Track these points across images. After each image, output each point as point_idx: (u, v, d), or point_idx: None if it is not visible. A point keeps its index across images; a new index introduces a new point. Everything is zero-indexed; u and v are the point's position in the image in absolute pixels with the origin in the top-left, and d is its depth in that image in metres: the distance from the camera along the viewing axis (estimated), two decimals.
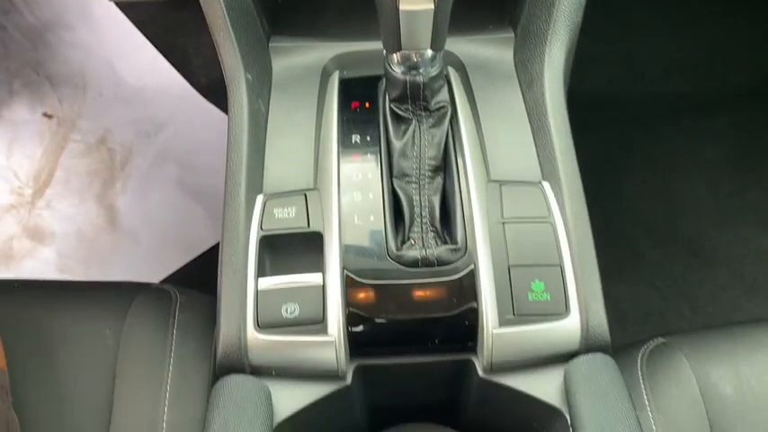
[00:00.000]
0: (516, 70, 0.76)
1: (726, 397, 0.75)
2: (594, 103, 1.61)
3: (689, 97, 1.65)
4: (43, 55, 1.67)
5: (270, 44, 0.79)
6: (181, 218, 1.50)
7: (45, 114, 1.65)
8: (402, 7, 0.56)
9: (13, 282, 0.90)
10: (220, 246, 0.66)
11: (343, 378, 0.63)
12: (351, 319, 0.62)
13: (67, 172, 1.57)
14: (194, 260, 1.45)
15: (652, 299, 1.38)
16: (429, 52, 0.63)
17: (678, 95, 1.66)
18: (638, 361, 0.77)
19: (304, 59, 0.78)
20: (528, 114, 0.73)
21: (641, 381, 0.74)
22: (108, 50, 1.69)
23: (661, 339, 0.81)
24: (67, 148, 1.60)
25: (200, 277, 0.88)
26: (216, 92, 1.68)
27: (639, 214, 1.50)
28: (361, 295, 0.63)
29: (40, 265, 1.43)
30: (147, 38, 1.69)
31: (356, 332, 0.63)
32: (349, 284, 0.63)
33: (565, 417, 0.60)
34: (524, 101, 0.74)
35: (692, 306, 1.37)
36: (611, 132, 1.60)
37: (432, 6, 0.56)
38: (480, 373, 0.63)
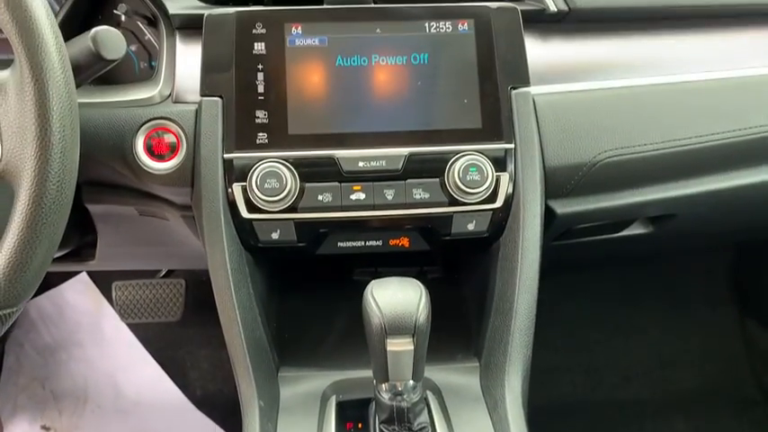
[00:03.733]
0: (483, 394, 0.92)
1: None
2: (562, 410, 1.75)
3: (647, 402, 1.80)
4: (51, 371, 1.81)
5: (279, 374, 0.95)
6: None
7: (43, 427, 1.73)
8: (389, 348, 0.74)
9: None
10: None
11: None
12: None
13: None
14: None
15: None
16: (411, 382, 0.79)
17: (637, 401, 1.81)
18: None
19: (307, 387, 0.93)
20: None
21: None
22: (112, 365, 1.84)
23: None
24: None
25: None
26: (209, 403, 1.80)
27: None
28: None
29: None
30: (150, 353, 1.86)
31: None
32: None
33: None
34: (491, 419, 0.88)
35: None
36: None
37: (412, 347, 0.74)
38: None
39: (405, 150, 0.89)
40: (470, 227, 0.92)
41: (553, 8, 0.97)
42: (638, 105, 0.99)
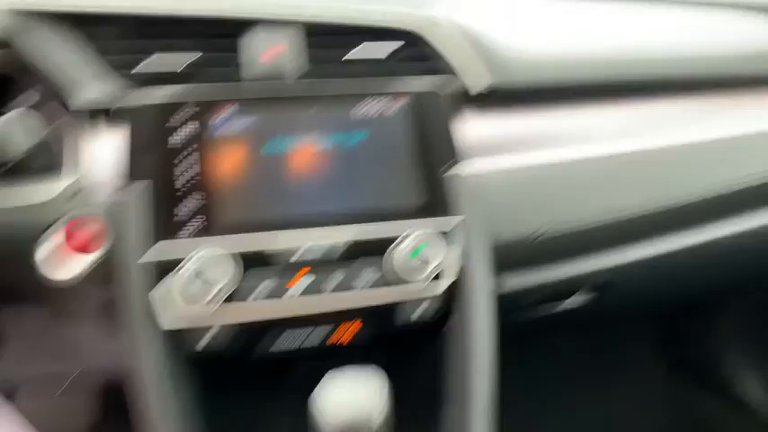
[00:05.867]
0: None
1: None
2: None
3: None
4: None
5: None
6: None
7: None
8: None
9: None
10: None
11: None
12: None
13: None
14: None
15: None
16: None
17: None
18: None
19: None
20: None
21: None
22: None
23: None
24: None
25: None
26: None
27: None
28: None
29: None
30: None
31: None
32: None
33: None
34: None
35: None
36: None
37: None
38: None
39: (344, 233, 0.85)
40: (418, 309, 0.88)
41: (477, 89, 0.97)
42: (570, 178, 1.00)
